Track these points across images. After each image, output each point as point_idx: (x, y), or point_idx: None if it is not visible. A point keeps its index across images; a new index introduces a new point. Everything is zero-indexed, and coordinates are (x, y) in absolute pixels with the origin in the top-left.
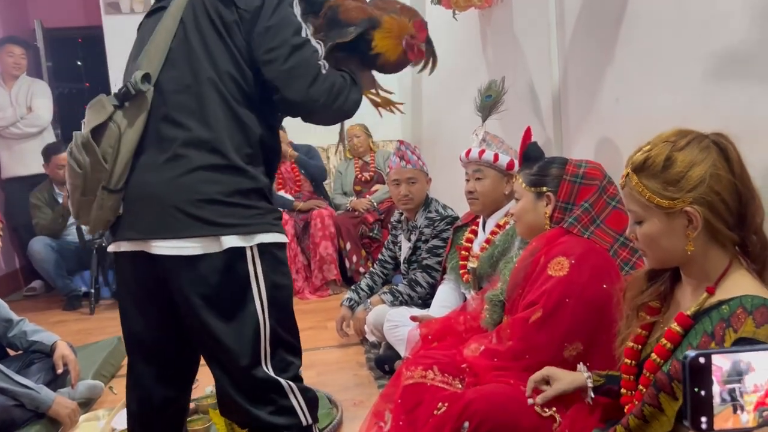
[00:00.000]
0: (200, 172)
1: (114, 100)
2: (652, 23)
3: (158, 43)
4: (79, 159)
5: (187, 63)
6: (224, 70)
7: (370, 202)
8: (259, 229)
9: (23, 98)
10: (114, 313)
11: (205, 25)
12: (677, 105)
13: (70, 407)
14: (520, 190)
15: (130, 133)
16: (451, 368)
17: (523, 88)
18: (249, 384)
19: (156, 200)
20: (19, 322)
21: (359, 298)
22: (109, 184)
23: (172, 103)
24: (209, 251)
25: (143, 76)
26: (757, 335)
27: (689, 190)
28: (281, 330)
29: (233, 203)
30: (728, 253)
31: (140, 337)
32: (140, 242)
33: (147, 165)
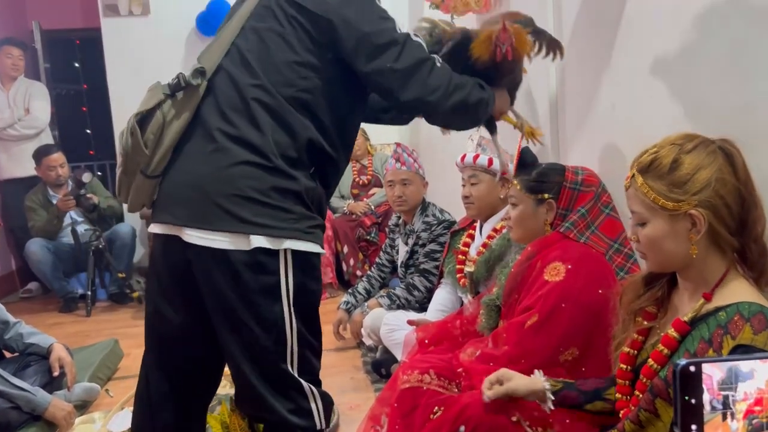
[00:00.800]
0: (240, 167)
1: (167, 89)
2: (648, 30)
3: (221, 41)
4: (125, 141)
5: (245, 63)
6: (283, 77)
7: (367, 206)
8: (289, 235)
9: (21, 100)
10: (110, 315)
11: (272, 30)
12: (673, 111)
13: (66, 410)
14: (519, 196)
15: (174, 124)
16: (447, 372)
17: (520, 94)
18: (274, 378)
19: (194, 189)
20: (15, 324)
21: (356, 302)
22: (146, 169)
23: (223, 100)
24: (237, 248)
25: (196, 70)
26: (755, 342)
27: (695, 193)
28: (307, 333)
29: (268, 203)
30: (726, 259)
31: (163, 333)
32: (173, 227)
33: (190, 154)
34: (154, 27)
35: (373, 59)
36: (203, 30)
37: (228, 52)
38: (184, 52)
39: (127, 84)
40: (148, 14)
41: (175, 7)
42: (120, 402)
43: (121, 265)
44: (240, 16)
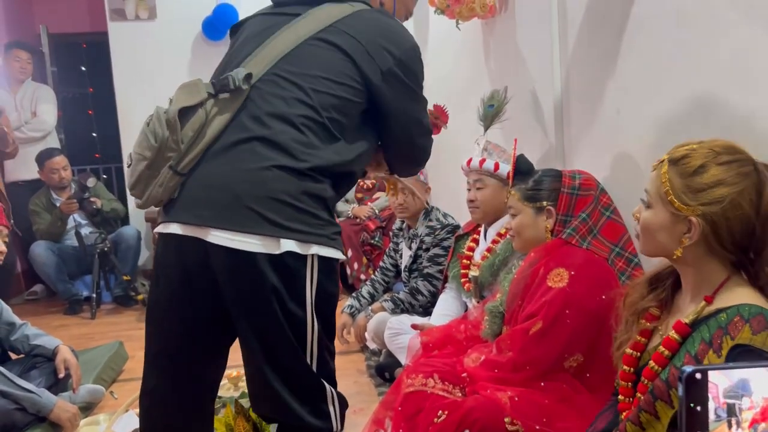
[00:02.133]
0: (273, 171)
1: (210, 88)
2: (653, 35)
3: (270, 52)
4: (157, 132)
5: (291, 77)
6: (329, 99)
7: (371, 210)
8: (318, 240)
9: (28, 103)
10: (115, 317)
11: (325, 51)
12: (678, 116)
13: (71, 411)
14: (518, 206)
15: (215, 124)
16: (451, 377)
17: (525, 98)
18: (296, 381)
19: (223, 190)
20: (21, 326)
21: (360, 306)
22: (177, 165)
23: (263, 106)
24: (267, 251)
25: (246, 75)
26: (753, 342)
27: (703, 204)
28: (326, 335)
29: (300, 208)
30: (727, 267)
31: (168, 337)
32: (195, 228)
33: (219, 155)
34: (160, 31)
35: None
36: (209, 34)
37: (277, 64)
38: (190, 57)
39: (133, 88)
40: (154, 18)
41: (181, 11)
42: (124, 404)
43: (126, 267)
44: (296, 32)
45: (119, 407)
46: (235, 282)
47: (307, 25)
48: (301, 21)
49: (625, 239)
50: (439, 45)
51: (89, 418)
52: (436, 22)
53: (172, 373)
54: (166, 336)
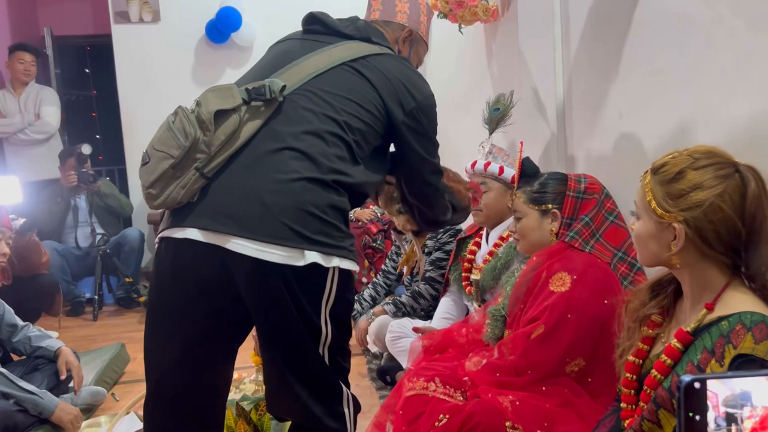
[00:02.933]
0: (301, 183)
1: (245, 94)
2: (656, 40)
3: (303, 69)
4: (189, 132)
5: (323, 95)
6: (358, 122)
7: (373, 213)
8: (339, 253)
9: (32, 105)
10: (117, 319)
11: (358, 81)
12: (680, 121)
13: (73, 413)
14: (523, 209)
15: (246, 131)
16: (452, 380)
17: (528, 102)
18: (317, 385)
19: (250, 199)
20: (23, 328)
21: (362, 309)
22: (204, 168)
23: (295, 118)
24: (291, 262)
25: (282, 87)
26: (756, 351)
27: (683, 209)
28: (341, 339)
29: (325, 220)
30: (725, 272)
31: (180, 345)
32: (216, 235)
33: (249, 163)
34: (164, 34)
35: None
36: (213, 37)
37: (310, 81)
38: (193, 60)
39: (136, 90)
40: (158, 21)
41: (185, 14)
42: (126, 406)
43: (128, 269)
44: (329, 56)
45: (121, 409)
46: (258, 291)
47: (340, 53)
48: (334, 48)
49: (628, 244)
50: (441, 49)
51: (90, 420)
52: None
53: (185, 381)
54: (178, 345)
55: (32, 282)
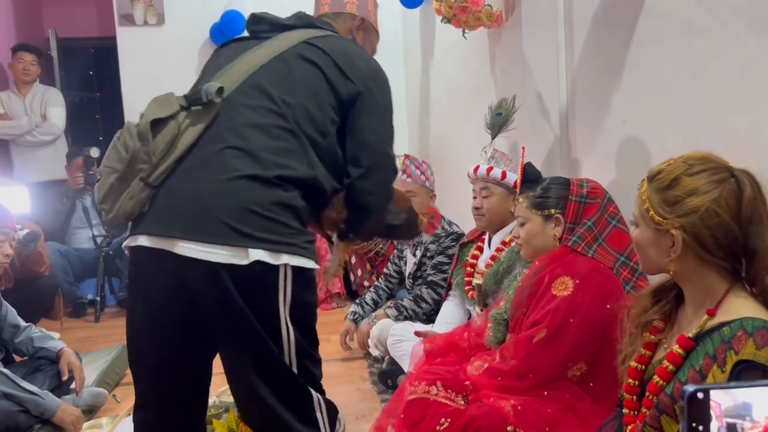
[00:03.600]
0: (242, 181)
1: (183, 101)
2: (661, 45)
3: (241, 67)
4: (128, 144)
5: (262, 89)
6: (306, 114)
7: None
8: (289, 250)
9: (38, 106)
10: (119, 320)
11: (298, 67)
12: (683, 127)
13: (75, 414)
14: (526, 214)
15: (186, 136)
16: (454, 384)
17: (531, 108)
18: (282, 389)
19: (192, 201)
20: (25, 329)
21: (363, 312)
22: (148, 177)
23: (236, 117)
24: (235, 261)
25: (219, 89)
26: (758, 357)
27: (680, 215)
28: (306, 344)
29: (269, 217)
30: (726, 278)
31: (147, 355)
32: (163, 239)
33: (189, 167)
34: (168, 37)
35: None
36: (217, 40)
37: (248, 78)
38: (197, 62)
39: (140, 93)
40: (162, 24)
41: (189, 17)
42: (127, 408)
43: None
44: (267, 49)
45: (122, 410)
46: (208, 293)
47: (280, 44)
48: (274, 40)
49: (631, 248)
50: (445, 54)
51: (92, 422)
52: (442, 30)
53: (164, 394)
54: (153, 358)
55: (32, 284)
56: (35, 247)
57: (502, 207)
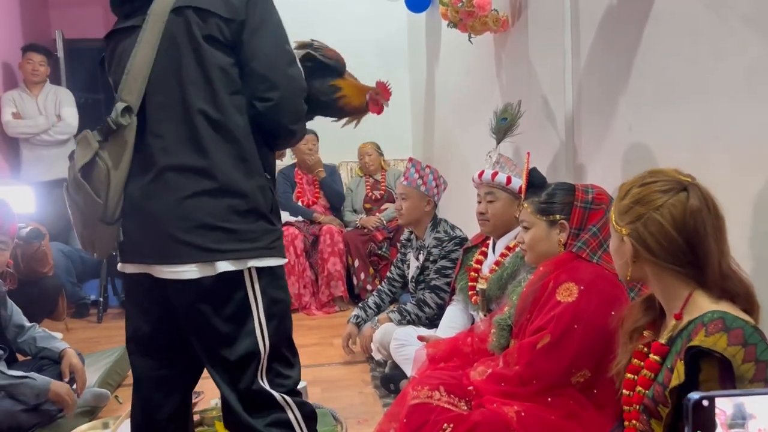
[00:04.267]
0: (194, 199)
1: (98, 136)
2: (667, 52)
3: (136, 74)
4: (73, 196)
5: (169, 88)
6: (209, 88)
7: (379, 220)
8: (252, 255)
9: (51, 106)
10: (121, 322)
11: (183, 45)
12: (689, 133)
13: (65, 386)
14: (531, 219)
15: (117, 168)
16: (457, 390)
17: (537, 113)
18: (247, 395)
19: (152, 228)
20: (30, 329)
21: (366, 316)
22: (105, 217)
23: (157, 131)
24: (206, 274)
25: (123, 109)
26: (704, 343)
27: (628, 222)
28: (278, 344)
29: (227, 228)
30: (687, 282)
31: (144, 338)
32: (143, 266)
33: (141, 193)
34: None
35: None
36: None
37: (150, 81)
38: None
39: None
40: None
41: None
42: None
43: None
44: (148, 42)
45: (124, 411)
46: (183, 307)
47: (154, 29)
48: (147, 29)
49: None
50: (450, 58)
51: (94, 422)
52: (447, 35)
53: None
54: (149, 363)
55: (36, 285)
56: (40, 246)
57: (506, 212)
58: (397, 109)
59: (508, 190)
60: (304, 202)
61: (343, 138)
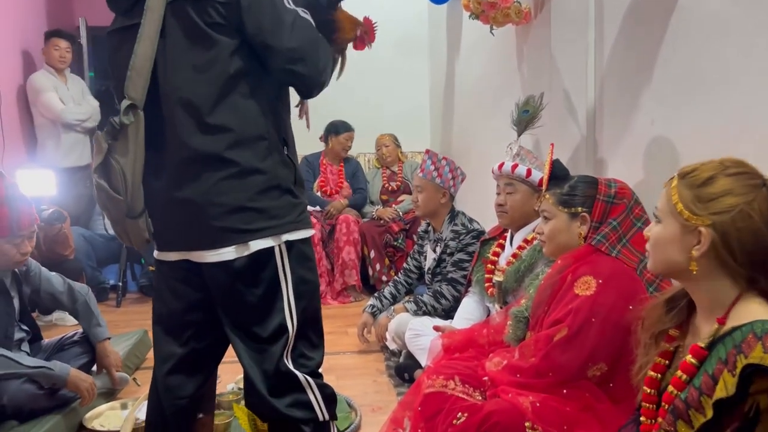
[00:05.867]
0: (220, 185)
1: (107, 137)
2: (693, 47)
3: (139, 70)
4: (98, 196)
5: (175, 81)
6: (217, 73)
7: (395, 212)
8: (284, 230)
9: (79, 94)
10: (140, 306)
11: (185, 36)
12: (714, 130)
13: (88, 380)
14: (552, 210)
15: (129, 165)
16: (472, 380)
17: (558, 106)
18: (272, 376)
19: (186, 217)
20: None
21: (382, 306)
22: (129, 213)
23: (169, 123)
24: (241, 254)
25: (127, 107)
26: (764, 361)
27: (713, 213)
28: (305, 324)
29: (256, 208)
30: (738, 285)
31: (174, 320)
32: (183, 252)
33: (166, 185)
34: None
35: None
36: None
37: (154, 75)
38: None
39: None
40: None
41: None
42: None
43: (151, 258)
44: (148, 37)
45: (142, 394)
46: (218, 288)
47: (152, 25)
48: (146, 24)
49: None
50: (471, 49)
51: (113, 403)
52: (469, 26)
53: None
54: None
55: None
56: (61, 228)
57: (525, 204)
58: (416, 100)
59: (527, 183)
60: (327, 191)
61: (361, 130)
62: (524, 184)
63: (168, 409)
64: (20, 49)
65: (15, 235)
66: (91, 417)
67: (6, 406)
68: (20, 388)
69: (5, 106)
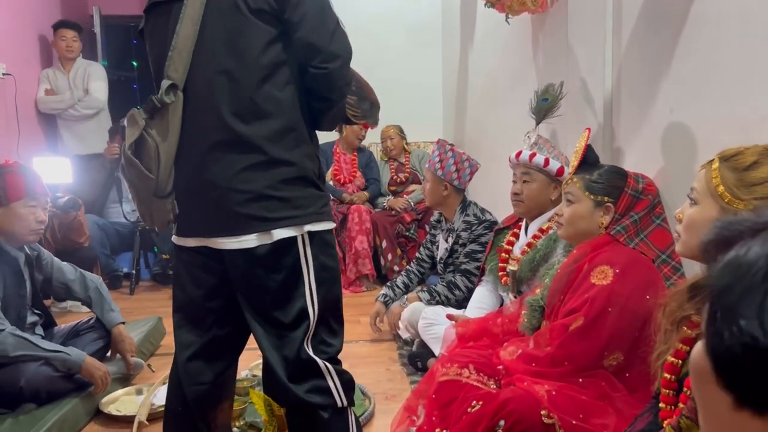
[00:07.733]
0: (246, 172)
1: (144, 113)
2: (714, 35)
3: (181, 50)
4: (127, 172)
5: (214, 64)
6: (255, 61)
7: (407, 202)
8: (306, 221)
9: (80, 81)
10: (153, 294)
11: (227, 20)
12: (735, 119)
13: (102, 369)
14: (578, 194)
15: (165, 144)
16: (486, 368)
17: (574, 95)
18: (292, 362)
19: (209, 202)
20: (85, 285)
21: (394, 295)
22: (157, 192)
23: (205, 106)
24: (263, 242)
25: (169, 87)
26: None
27: (757, 198)
28: (326, 311)
29: (281, 197)
30: None
31: (195, 306)
32: (202, 239)
33: (194, 168)
34: None
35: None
36: None
37: (194, 57)
38: None
39: None
40: None
41: None
42: (162, 377)
43: (165, 246)
44: (190, 18)
45: (157, 380)
46: (239, 275)
47: (195, 5)
48: (189, 4)
49: (672, 248)
50: (486, 38)
51: (128, 388)
52: (484, 15)
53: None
54: (195, 332)
55: (72, 255)
56: (76, 215)
57: (542, 194)
58: (429, 89)
59: (545, 172)
60: (340, 180)
61: None
62: (541, 173)
63: (189, 395)
64: (35, 39)
65: (31, 197)
66: (107, 402)
67: (24, 388)
68: (38, 371)
69: (20, 97)
